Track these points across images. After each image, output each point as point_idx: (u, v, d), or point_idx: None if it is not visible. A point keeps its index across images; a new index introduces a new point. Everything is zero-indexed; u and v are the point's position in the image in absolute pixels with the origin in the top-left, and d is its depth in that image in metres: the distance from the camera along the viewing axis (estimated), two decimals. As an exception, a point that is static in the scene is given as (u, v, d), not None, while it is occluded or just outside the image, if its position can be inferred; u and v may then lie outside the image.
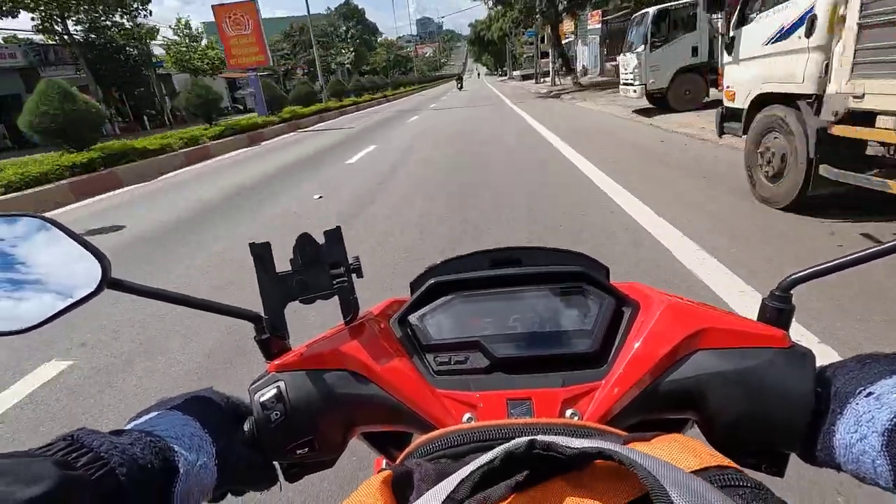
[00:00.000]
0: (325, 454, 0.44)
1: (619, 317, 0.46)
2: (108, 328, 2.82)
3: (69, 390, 2.25)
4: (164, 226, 5.13)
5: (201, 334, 2.59)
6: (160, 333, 2.70)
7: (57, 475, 0.27)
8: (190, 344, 2.54)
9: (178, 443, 0.36)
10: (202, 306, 0.44)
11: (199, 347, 2.48)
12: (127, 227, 5.23)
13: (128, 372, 2.34)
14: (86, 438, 0.31)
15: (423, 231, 4.05)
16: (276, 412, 0.42)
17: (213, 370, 2.26)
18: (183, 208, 5.85)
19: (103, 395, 2.17)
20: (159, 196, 7.03)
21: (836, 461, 0.35)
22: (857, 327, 2.07)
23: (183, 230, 4.88)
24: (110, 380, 2.29)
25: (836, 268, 0.38)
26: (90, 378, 2.33)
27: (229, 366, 2.28)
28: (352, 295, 0.45)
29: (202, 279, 3.50)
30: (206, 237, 4.53)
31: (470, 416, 0.41)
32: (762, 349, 0.40)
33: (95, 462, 0.30)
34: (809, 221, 3.34)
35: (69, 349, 2.62)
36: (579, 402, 0.41)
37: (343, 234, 0.45)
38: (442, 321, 0.48)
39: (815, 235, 3.12)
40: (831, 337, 2.00)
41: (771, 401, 0.38)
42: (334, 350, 0.44)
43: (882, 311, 2.16)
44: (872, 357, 0.36)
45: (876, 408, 0.32)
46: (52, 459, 0.28)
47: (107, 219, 5.74)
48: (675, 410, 0.43)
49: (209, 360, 2.36)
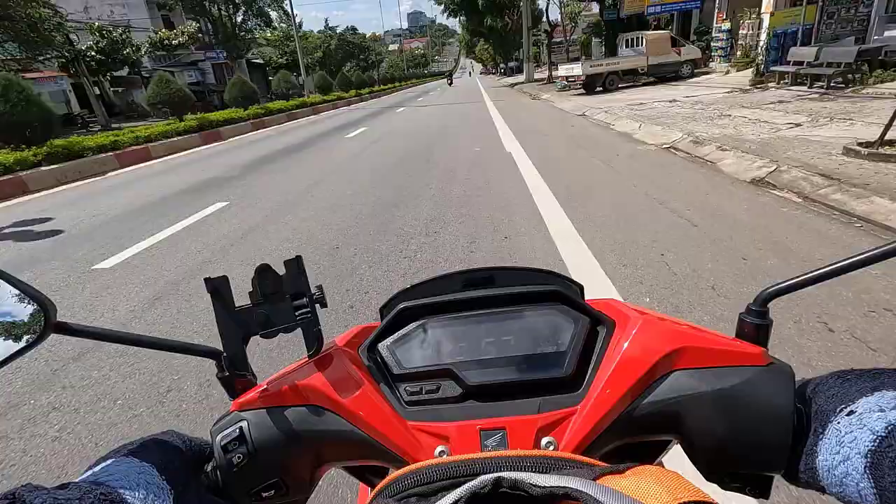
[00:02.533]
0: (294, 495, 0.42)
1: (593, 337, 0.44)
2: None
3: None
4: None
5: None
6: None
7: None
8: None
9: (132, 494, 0.34)
10: (156, 345, 0.42)
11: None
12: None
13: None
14: (27, 496, 0.29)
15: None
16: (238, 454, 0.40)
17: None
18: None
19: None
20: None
21: (819, 483, 0.34)
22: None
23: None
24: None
25: (813, 280, 0.37)
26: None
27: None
28: (315, 327, 0.43)
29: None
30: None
31: (442, 450, 0.40)
32: (741, 368, 0.38)
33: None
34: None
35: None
36: (555, 430, 0.40)
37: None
38: (412, 348, 0.46)
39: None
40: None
41: (751, 421, 0.37)
42: (298, 384, 0.42)
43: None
44: (853, 373, 0.35)
45: (858, 427, 0.31)
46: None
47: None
48: (654, 433, 0.41)
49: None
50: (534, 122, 10.92)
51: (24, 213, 6.18)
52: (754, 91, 10.80)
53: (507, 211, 4.24)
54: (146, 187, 7.28)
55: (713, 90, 11.96)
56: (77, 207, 6.23)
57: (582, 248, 3.23)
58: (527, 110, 14.05)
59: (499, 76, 60.59)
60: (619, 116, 9.21)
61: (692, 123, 7.34)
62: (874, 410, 0.31)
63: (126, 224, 5.13)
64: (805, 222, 3.36)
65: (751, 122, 6.86)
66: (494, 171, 5.94)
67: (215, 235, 4.40)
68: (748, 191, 4.22)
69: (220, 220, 4.93)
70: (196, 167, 8.80)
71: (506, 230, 3.76)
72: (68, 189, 7.82)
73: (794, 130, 5.99)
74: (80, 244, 4.53)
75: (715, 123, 7.15)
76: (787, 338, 2.03)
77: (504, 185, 5.18)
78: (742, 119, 7.24)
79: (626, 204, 4.13)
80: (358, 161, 7.86)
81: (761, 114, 7.49)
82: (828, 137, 5.36)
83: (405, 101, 25.90)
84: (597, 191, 4.62)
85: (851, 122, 6.09)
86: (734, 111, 8.09)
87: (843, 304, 2.23)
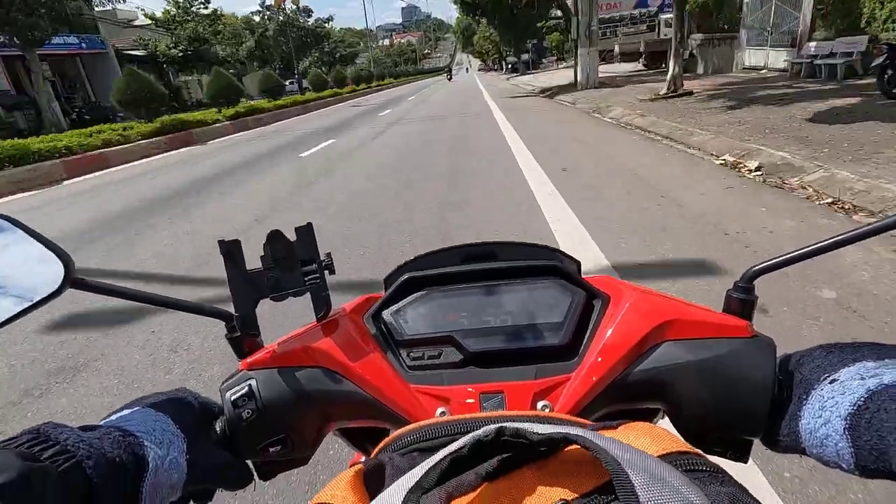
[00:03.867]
0: (299, 452, 0.44)
1: (589, 310, 0.47)
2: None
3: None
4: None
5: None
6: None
7: (19, 466, 0.26)
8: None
9: (149, 438, 0.36)
10: (169, 304, 0.43)
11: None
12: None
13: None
14: (52, 432, 0.31)
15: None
16: (247, 410, 0.41)
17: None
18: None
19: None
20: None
21: (801, 446, 0.36)
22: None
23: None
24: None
25: (799, 258, 0.39)
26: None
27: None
28: (324, 291, 0.45)
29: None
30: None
31: (443, 411, 0.42)
32: (726, 339, 0.41)
33: (62, 455, 0.29)
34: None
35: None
36: (551, 395, 0.42)
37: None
38: (415, 317, 0.48)
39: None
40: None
41: (734, 389, 0.39)
42: (307, 347, 0.44)
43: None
44: (836, 346, 0.38)
45: (839, 393, 0.33)
46: (14, 451, 0.28)
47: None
48: (643, 400, 0.44)
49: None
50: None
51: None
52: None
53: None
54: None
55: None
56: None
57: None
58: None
59: (506, 74, 43.93)
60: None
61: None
62: (855, 378, 0.33)
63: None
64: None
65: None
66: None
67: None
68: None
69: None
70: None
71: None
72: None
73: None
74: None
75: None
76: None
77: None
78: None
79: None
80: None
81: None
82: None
83: (354, 120, 14.00)
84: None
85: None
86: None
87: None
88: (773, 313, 2.13)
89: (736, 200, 3.67)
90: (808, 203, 3.49)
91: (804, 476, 1.35)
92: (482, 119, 10.82)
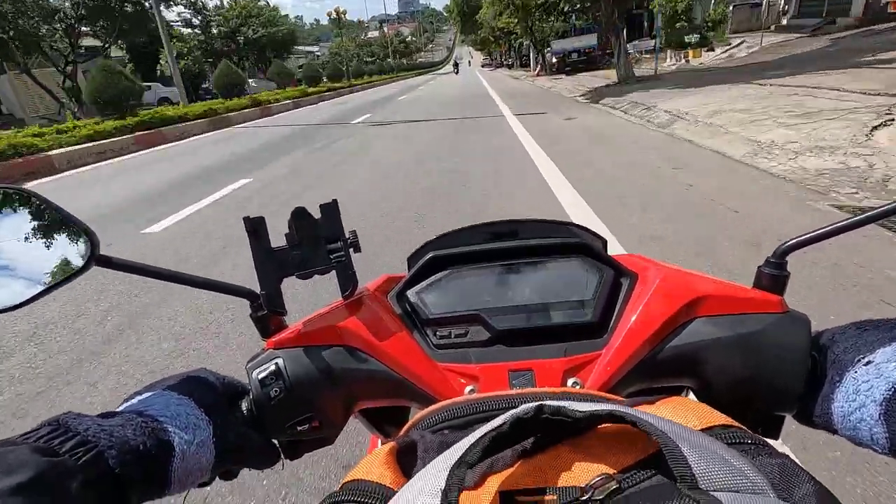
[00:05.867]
0: (326, 431, 0.44)
1: (617, 287, 0.46)
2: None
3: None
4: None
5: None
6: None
7: (37, 462, 0.26)
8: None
9: (173, 423, 0.35)
10: (194, 283, 0.43)
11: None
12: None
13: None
14: (71, 422, 0.30)
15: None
16: (275, 389, 0.41)
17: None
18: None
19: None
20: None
21: (833, 426, 0.36)
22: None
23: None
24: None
25: (830, 233, 0.39)
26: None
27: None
28: (350, 270, 0.44)
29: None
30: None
31: (472, 389, 0.42)
32: (759, 315, 0.40)
33: (82, 446, 0.29)
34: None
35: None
36: (580, 372, 0.42)
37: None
38: (441, 295, 0.47)
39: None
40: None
41: (768, 364, 0.39)
42: (333, 326, 0.44)
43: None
44: (871, 323, 0.37)
45: (875, 376, 0.33)
46: (31, 446, 0.27)
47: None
48: (673, 378, 0.43)
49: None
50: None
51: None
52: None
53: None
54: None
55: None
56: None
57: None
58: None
59: (529, 73, 27.81)
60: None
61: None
62: (891, 361, 0.33)
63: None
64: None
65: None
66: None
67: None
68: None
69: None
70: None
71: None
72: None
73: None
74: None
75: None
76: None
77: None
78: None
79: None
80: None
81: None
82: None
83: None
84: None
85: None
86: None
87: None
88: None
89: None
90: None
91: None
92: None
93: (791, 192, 3.53)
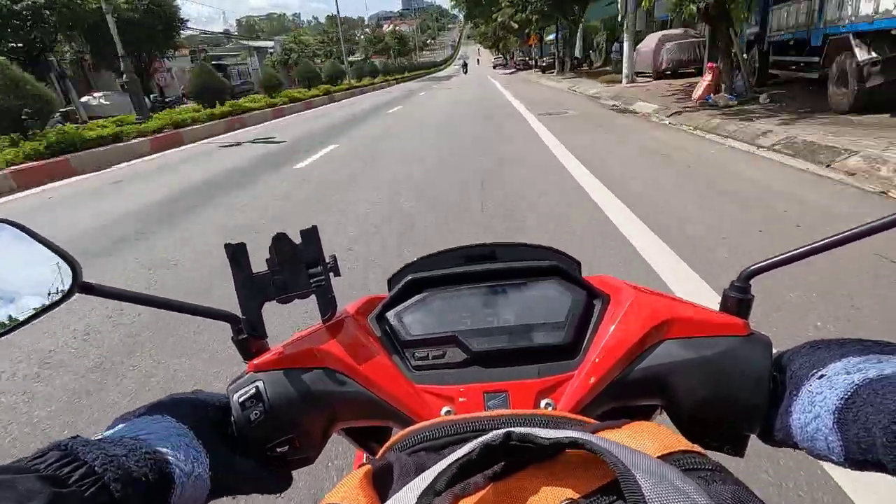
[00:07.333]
0: (306, 451, 0.45)
1: (590, 309, 0.47)
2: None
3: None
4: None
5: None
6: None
7: (47, 493, 0.26)
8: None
9: (174, 455, 0.35)
10: (177, 308, 0.44)
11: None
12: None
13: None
14: (80, 449, 0.31)
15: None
16: (255, 412, 0.42)
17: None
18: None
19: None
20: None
21: (793, 440, 0.37)
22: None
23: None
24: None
25: (794, 258, 0.40)
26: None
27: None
28: (329, 294, 0.45)
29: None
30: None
31: (448, 410, 0.43)
32: (724, 338, 0.42)
33: (89, 477, 0.29)
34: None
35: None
36: (554, 393, 0.43)
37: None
38: (419, 317, 0.48)
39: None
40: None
41: (732, 385, 0.40)
42: (313, 348, 0.45)
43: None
44: (823, 343, 0.39)
45: (827, 388, 0.35)
46: (41, 476, 0.28)
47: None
48: (644, 397, 0.45)
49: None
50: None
51: None
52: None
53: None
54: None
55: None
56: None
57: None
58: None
59: (568, 81, 19.54)
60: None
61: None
62: (841, 373, 0.35)
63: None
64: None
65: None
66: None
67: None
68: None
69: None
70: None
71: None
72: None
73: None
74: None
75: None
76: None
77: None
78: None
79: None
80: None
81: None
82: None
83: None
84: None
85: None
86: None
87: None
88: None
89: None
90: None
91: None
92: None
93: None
